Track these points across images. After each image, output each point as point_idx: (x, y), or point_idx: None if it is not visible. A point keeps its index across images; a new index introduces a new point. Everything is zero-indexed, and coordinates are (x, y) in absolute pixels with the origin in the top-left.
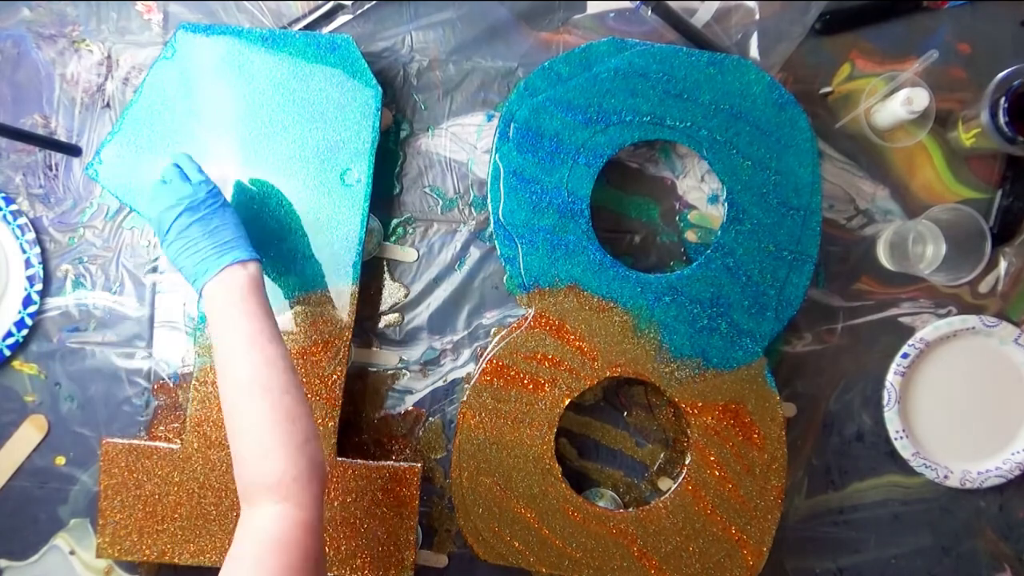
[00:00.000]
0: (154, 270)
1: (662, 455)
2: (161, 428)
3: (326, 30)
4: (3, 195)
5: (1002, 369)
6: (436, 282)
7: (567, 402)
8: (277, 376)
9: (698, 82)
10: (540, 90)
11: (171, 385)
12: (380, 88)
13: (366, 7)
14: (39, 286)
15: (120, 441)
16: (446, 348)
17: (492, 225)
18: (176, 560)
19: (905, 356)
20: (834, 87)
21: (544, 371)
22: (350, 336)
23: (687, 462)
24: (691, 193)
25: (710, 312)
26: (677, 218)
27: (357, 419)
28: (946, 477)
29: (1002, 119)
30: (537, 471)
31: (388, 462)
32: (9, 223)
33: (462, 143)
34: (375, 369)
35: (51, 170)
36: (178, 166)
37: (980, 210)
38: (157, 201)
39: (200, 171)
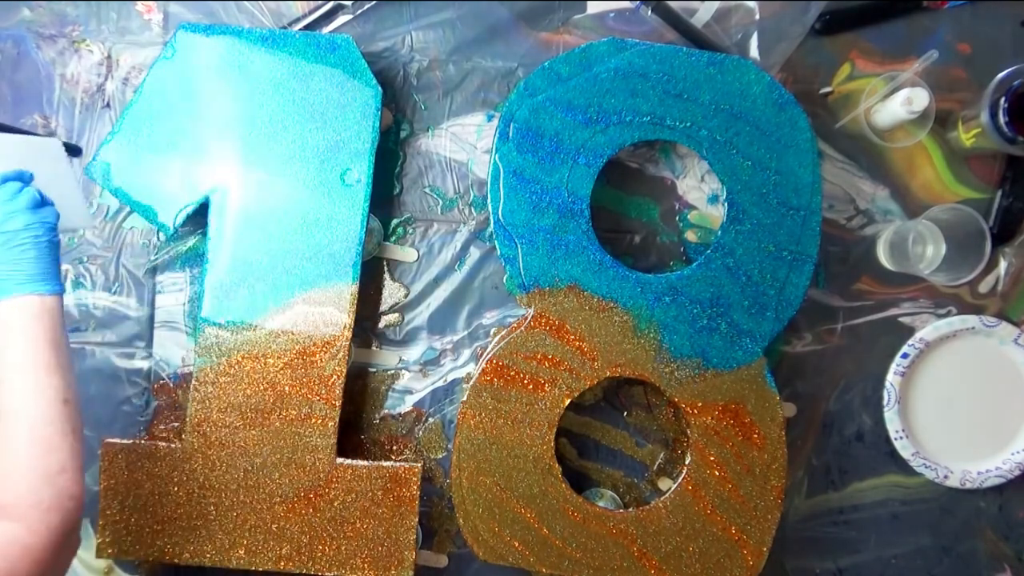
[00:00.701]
0: (154, 270)
1: (662, 455)
2: (161, 428)
3: (326, 30)
4: None
5: (1002, 369)
6: (436, 282)
7: (567, 402)
8: (42, 406)
9: (698, 82)
10: (540, 90)
11: (171, 385)
12: (380, 88)
13: (366, 7)
14: None
15: (120, 441)
16: (446, 348)
17: (492, 225)
18: (176, 560)
19: (905, 356)
20: (834, 87)
21: (544, 371)
22: (350, 336)
23: (687, 462)
24: (691, 193)
25: (710, 312)
26: (677, 218)
27: (357, 419)
28: (946, 477)
29: (1002, 119)
30: (537, 471)
31: (388, 462)
32: None
33: (462, 143)
34: (375, 369)
35: None
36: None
37: (980, 210)
38: None
39: (43, 198)
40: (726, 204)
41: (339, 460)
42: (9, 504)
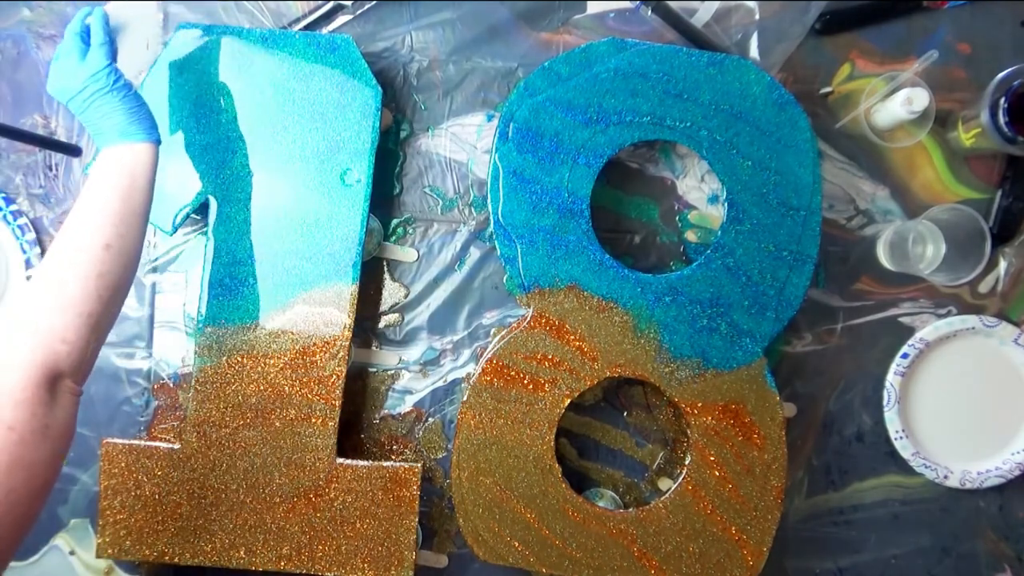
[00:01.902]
0: (154, 270)
1: (662, 455)
2: (161, 428)
3: (326, 30)
4: (3, 195)
5: (1002, 369)
6: (436, 282)
7: (567, 402)
8: (74, 248)
9: (698, 82)
10: (540, 90)
11: (171, 385)
12: (380, 88)
13: (366, 7)
14: None
15: (120, 441)
16: (446, 348)
17: (492, 225)
18: (176, 560)
19: (905, 356)
20: (834, 87)
21: (544, 371)
22: (350, 336)
23: (687, 462)
24: (691, 193)
25: (710, 312)
26: (677, 218)
27: (357, 419)
28: (946, 477)
29: (1002, 119)
30: (537, 471)
31: (388, 462)
32: (9, 223)
33: (462, 143)
34: (375, 369)
35: (51, 170)
36: (86, 33)
37: (980, 210)
38: (65, 77)
39: (106, 46)
40: (726, 204)
41: (339, 460)
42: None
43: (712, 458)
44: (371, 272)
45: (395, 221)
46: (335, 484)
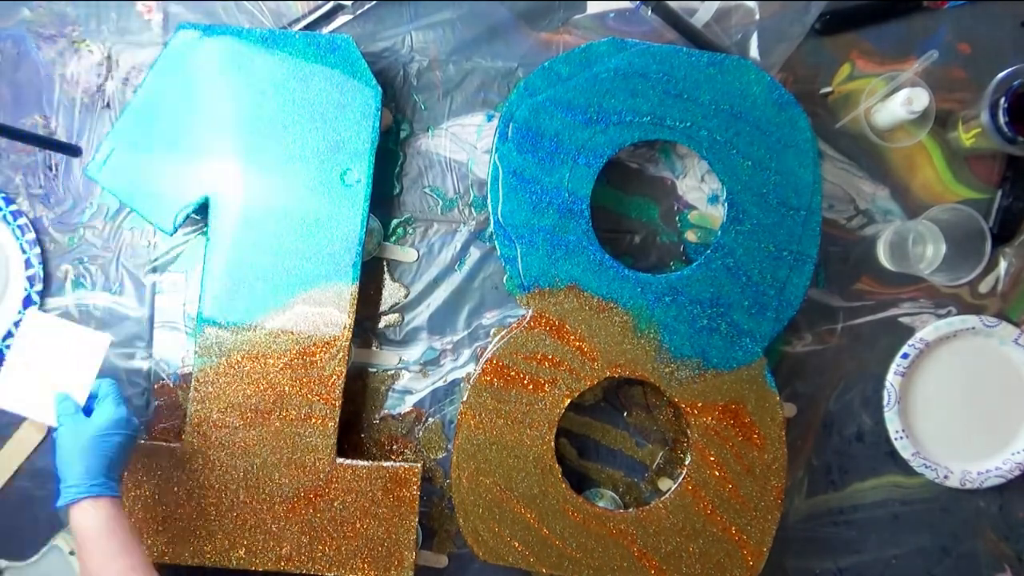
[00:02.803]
0: (154, 270)
1: (662, 455)
2: (161, 428)
3: (326, 30)
4: (3, 195)
5: (1002, 369)
6: (436, 282)
7: (567, 402)
8: None
9: (698, 82)
10: (540, 90)
11: (171, 385)
12: (380, 88)
13: (366, 7)
14: (39, 286)
15: None
16: (446, 348)
17: (492, 225)
18: (176, 560)
19: (905, 356)
20: (834, 87)
21: (544, 371)
22: (350, 336)
23: (687, 462)
24: (691, 193)
25: (710, 312)
26: (677, 218)
27: (357, 419)
28: (946, 477)
29: (1002, 119)
30: (537, 471)
31: (388, 462)
32: (9, 223)
33: (462, 143)
34: (375, 369)
35: (51, 170)
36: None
37: (980, 210)
38: (83, 425)
39: (120, 405)
40: (726, 204)
41: (339, 460)
42: None
43: (712, 458)
44: (371, 272)
45: (395, 221)
46: (335, 484)
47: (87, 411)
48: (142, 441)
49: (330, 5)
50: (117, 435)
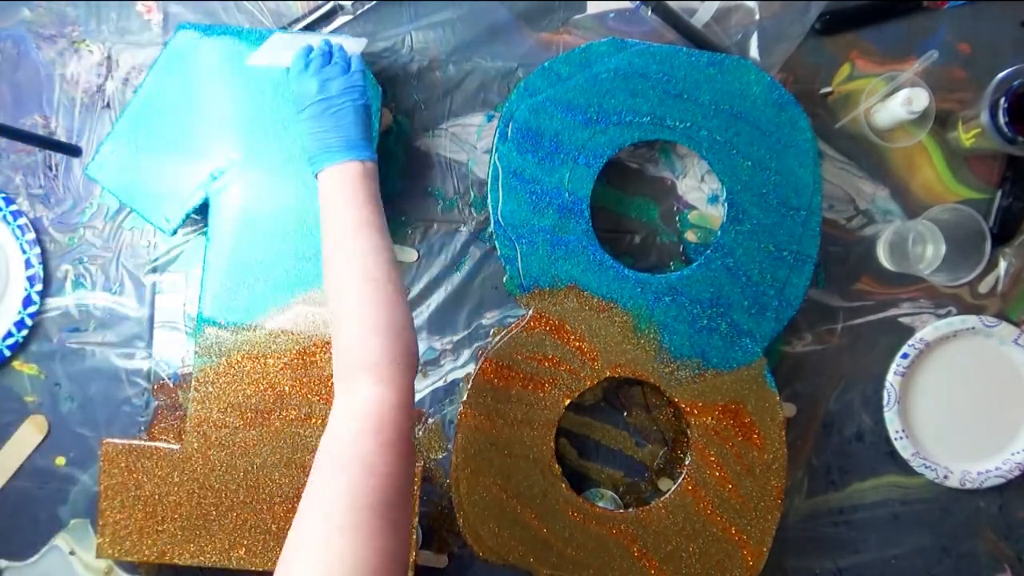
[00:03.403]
0: (154, 270)
1: (662, 455)
2: (161, 428)
3: (326, 30)
4: (3, 195)
5: (1002, 369)
6: (436, 282)
7: (567, 402)
8: (381, 264)
9: (698, 82)
10: (540, 90)
11: (171, 385)
12: (380, 88)
13: (366, 7)
14: (39, 286)
15: (120, 441)
16: (446, 348)
17: (492, 225)
18: (176, 560)
19: (905, 356)
20: (834, 87)
21: (544, 371)
22: None
23: (687, 462)
24: (691, 193)
25: (710, 312)
26: (677, 218)
27: None
28: (946, 477)
29: (1002, 119)
30: (537, 471)
31: None
32: (9, 223)
33: (462, 143)
34: None
35: (51, 170)
36: (335, 50)
37: (980, 210)
38: (306, 77)
39: (350, 63)
40: (726, 204)
41: None
42: (371, 366)
43: (712, 458)
44: None
45: (395, 221)
46: None
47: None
48: (142, 441)
49: (330, 5)
50: (351, 101)
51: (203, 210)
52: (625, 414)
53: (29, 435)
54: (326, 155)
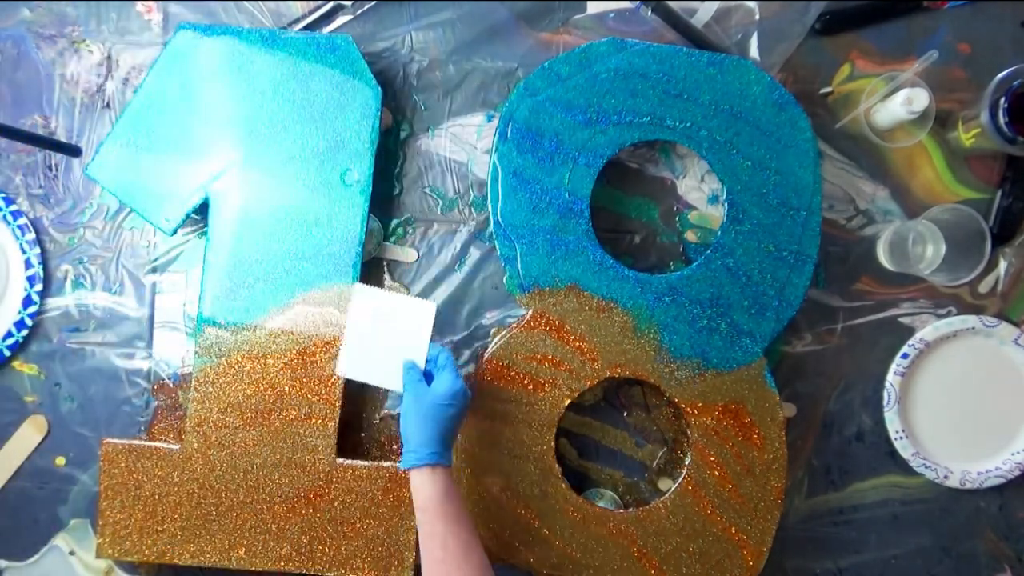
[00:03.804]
0: (154, 270)
1: (662, 455)
2: (161, 428)
3: (326, 30)
4: (3, 195)
5: (1002, 369)
6: (436, 282)
7: (567, 402)
8: (474, 559)
9: (698, 82)
10: (540, 90)
11: (171, 385)
12: (380, 88)
13: (366, 7)
14: (39, 286)
15: (120, 441)
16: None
17: (492, 225)
18: (176, 560)
19: (905, 356)
20: (834, 87)
21: (544, 371)
22: None
23: (687, 462)
24: (691, 193)
25: (710, 312)
26: (677, 218)
27: (357, 419)
28: (946, 477)
29: (1002, 119)
30: (537, 471)
31: (388, 462)
32: (9, 223)
33: (462, 143)
34: None
35: (51, 170)
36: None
37: (980, 210)
38: (425, 393)
39: (457, 377)
40: (726, 204)
41: (339, 460)
42: None
43: (712, 458)
44: (371, 272)
45: (395, 221)
46: (335, 484)
47: (427, 378)
48: (142, 441)
49: (330, 5)
50: (452, 406)
51: (203, 210)
52: (625, 414)
53: (29, 435)
54: (420, 453)
